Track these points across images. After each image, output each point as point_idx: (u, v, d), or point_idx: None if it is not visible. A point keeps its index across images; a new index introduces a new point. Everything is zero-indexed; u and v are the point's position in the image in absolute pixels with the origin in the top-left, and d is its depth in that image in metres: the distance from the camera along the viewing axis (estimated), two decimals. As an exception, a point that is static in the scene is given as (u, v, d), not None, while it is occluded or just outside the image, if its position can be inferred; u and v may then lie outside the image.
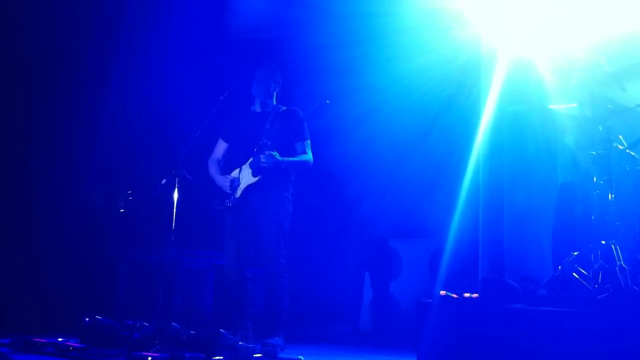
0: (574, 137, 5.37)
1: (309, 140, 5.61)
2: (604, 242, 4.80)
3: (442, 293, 4.59)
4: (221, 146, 5.77)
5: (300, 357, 4.77)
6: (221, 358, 4.31)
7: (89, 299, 6.05)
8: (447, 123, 7.03)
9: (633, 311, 4.01)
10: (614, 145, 5.07)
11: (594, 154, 5.11)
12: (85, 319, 4.95)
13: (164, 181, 5.27)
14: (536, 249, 5.88)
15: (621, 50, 5.58)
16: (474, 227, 6.00)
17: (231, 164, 5.63)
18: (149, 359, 4.24)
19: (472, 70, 6.43)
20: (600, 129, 5.16)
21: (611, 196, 4.87)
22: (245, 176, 5.50)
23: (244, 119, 5.67)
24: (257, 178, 5.45)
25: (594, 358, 3.92)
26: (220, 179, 5.61)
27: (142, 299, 6.05)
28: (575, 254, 4.96)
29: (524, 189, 6.04)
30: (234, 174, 5.56)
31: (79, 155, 6.36)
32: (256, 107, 5.69)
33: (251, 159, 5.48)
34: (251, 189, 5.48)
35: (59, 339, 4.90)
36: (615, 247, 4.75)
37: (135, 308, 6.02)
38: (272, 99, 5.68)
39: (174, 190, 5.23)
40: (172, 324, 4.66)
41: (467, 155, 6.57)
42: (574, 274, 4.79)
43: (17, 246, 5.97)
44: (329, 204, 8.16)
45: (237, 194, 5.50)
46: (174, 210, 5.21)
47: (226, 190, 5.54)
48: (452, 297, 4.56)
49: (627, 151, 5.13)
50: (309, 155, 5.60)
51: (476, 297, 4.64)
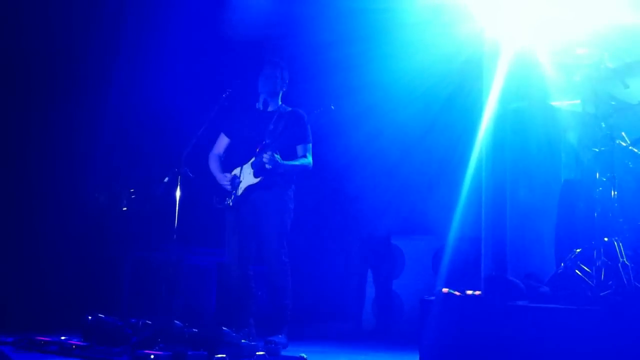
0: (577, 134, 5.37)
1: (310, 144, 5.61)
2: (606, 239, 4.78)
3: (445, 290, 4.58)
4: (223, 141, 5.76)
5: (303, 355, 4.77)
6: (224, 356, 4.31)
7: (92, 297, 6.06)
8: (450, 120, 7.03)
9: (636, 308, 4.00)
10: (617, 142, 5.05)
11: (596, 151, 5.10)
12: (88, 317, 4.95)
13: (166, 179, 5.27)
14: (539, 246, 5.87)
15: (624, 47, 5.57)
16: (477, 224, 6.00)
17: (232, 161, 5.63)
18: (152, 357, 4.24)
19: (474, 68, 6.42)
20: (603, 126, 5.15)
21: (614, 193, 4.86)
22: (247, 176, 5.50)
23: (247, 116, 5.66)
24: (259, 179, 5.45)
25: (597, 355, 3.92)
26: (220, 176, 5.60)
27: (145, 297, 6.05)
28: (578, 251, 4.95)
29: (526, 186, 6.03)
30: (235, 172, 5.55)
31: (81, 154, 6.37)
32: (260, 105, 5.67)
33: (253, 159, 5.47)
34: (252, 188, 5.48)
35: (62, 338, 4.90)
36: (618, 244, 4.74)
37: (138, 306, 6.03)
38: (278, 98, 5.67)
39: (177, 188, 5.23)
40: (175, 321, 4.66)
41: (469, 152, 6.56)
42: (576, 271, 4.79)
43: (20, 245, 5.97)
44: (331, 201, 8.16)
45: (238, 193, 5.49)
46: (177, 208, 5.21)
47: (226, 188, 5.54)
48: (454, 295, 4.56)
49: (630, 148, 5.12)
50: (309, 159, 5.60)
51: (479, 295, 4.64)
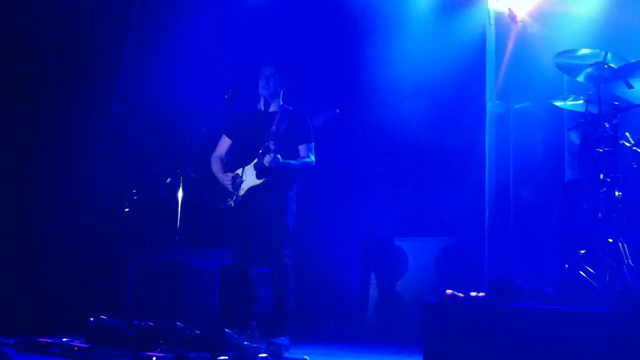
0: (580, 135, 5.34)
1: (313, 144, 5.59)
2: (611, 240, 4.77)
3: (449, 292, 4.57)
4: (225, 143, 5.75)
5: (305, 357, 4.76)
6: (226, 358, 4.29)
7: (94, 299, 6.05)
8: (453, 121, 7.02)
9: (640, 310, 3.98)
10: (621, 143, 5.04)
11: (600, 151, 5.09)
12: (91, 319, 4.95)
13: (169, 180, 5.26)
14: (542, 247, 5.86)
15: (628, 47, 5.56)
16: (480, 225, 5.99)
17: (235, 163, 5.61)
18: (154, 358, 4.23)
19: (478, 68, 6.42)
20: (607, 126, 5.14)
21: (618, 194, 4.85)
22: (249, 177, 5.48)
23: (249, 117, 5.64)
24: (261, 180, 5.43)
25: (601, 357, 3.90)
26: (222, 177, 5.59)
27: (147, 299, 6.04)
28: (582, 252, 4.93)
29: (530, 186, 6.02)
30: (237, 173, 5.53)
31: (84, 156, 6.36)
32: (262, 105, 5.66)
33: (256, 160, 5.46)
34: (255, 189, 5.46)
35: (64, 339, 4.89)
36: (623, 245, 4.72)
37: (141, 308, 6.02)
38: (279, 99, 5.65)
39: (179, 189, 5.22)
40: (178, 323, 4.65)
41: (473, 153, 6.56)
42: (580, 273, 4.77)
43: (23, 246, 5.97)
44: (334, 203, 8.15)
45: (240, 194, 5.48)
46: (179, 210, 5.20)
47: (228, 189, 5.53)
48: (458, 296, 4.54)
49: (634, 148, 5.10)
50: (312, 158, 5.58)
51: (482, 296, 4.62)
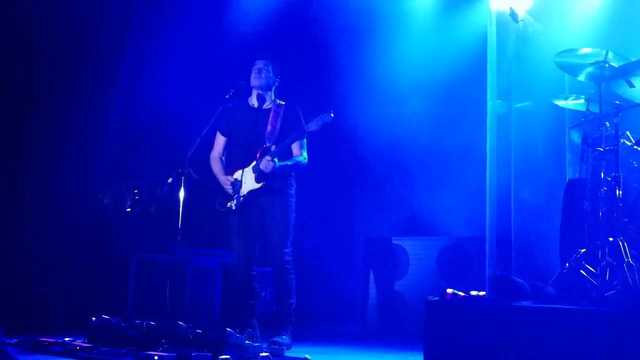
0: (581, 134, 5.35)
1: (305, 140, 5.59)
2: (611, 239, 4.77)
3: (450, 291, 4.57)
4: (220, 141, 5.74)
5: (307, 356, 4.76)
6: (228, 357, 4.30)
7: (96, 298, 6.06)
8: (453, 120, 7.03)
9: (641, 308, 3.99)
10: (622, 142, 5.04)
11: (601, 150, 5.09)
12: (93, 319, 4.96)
13: (170, 180, 5.27)
14: (543, 246, 5.86)
15: (629, 46, 5.56)
16: (481, 224, 5.99)
17: (233, 163, 5.61)
18: (156, 358, 4.24)
19: (479, 67, 6.41)
20: (608, 125, 5.14)
21: (619, 193, 4.85)
22: (249, 180, 5.48)
23: (242, 114, 5.61)
24: (261, 184, 5.44)
25: (601, 356, 3.90)
26: (223, 179, 5.59)
27: (149, 298, 6.05)
28: (583, 251, 4.94)
29: (531, 185, 6.02)
30: (237, 176, 5.52)
31: (86, 154, 6.36)
32: (254, 101, 5.60)
33: (254, 163, 5.46)
34: (255, 192, 5.46)
35: (67, 339, 4.90)
36: (623, 244, 4.72)
37: (143, 308, 6.02)
38: (271, 92, 5.65)
39: (181, 189, 5.23)
40: (179, 322, 4.66)
41: (474, 152, 6.55)
42: (581, 271, 4.78)
43: (25, 245, 5.97)
44: (335, 202, 8.16)
45: (241, 197, 5.47)
46: (181, 210, 5.20)
47: (228, 192, 5.53)
48: (459, 295, 4.55)
49: (635, 147, 5.11)
50: (304, 155, 5.59)
51: (483, 295, 4.63)
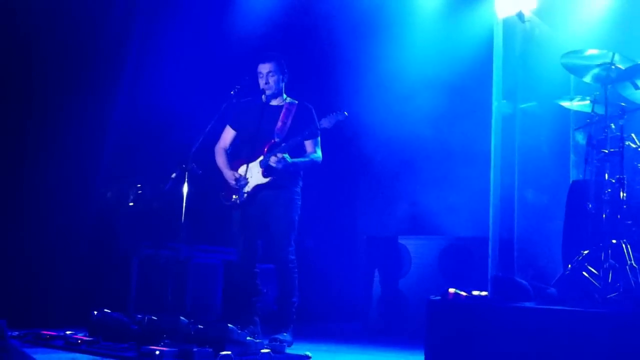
0: (586, 135, 5.34)
1: (319, 138, 5.57)
2: (614, 241, 4.77)
3: (452, 291, 4.57)
4: (229, 134, 5.73)
5: (308, 353, 4.76)
6: (229, 353, 4.30)
7: (98, 293, 6.07)
8: (458, 121, 7.02)
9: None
10: (627, 144, 5.03)
11: (605, 152, 5.08)
12: (94, 313, 4.96)
13: (174, 175, 5.27)
14: (546, 247, 5.85)
15: (636, 48, 5.55)
16: (484, 224, 5.98)
17: (240, 157, 5.59)
18: (158, 353, 4.24)
19: (484, 67, 6.40)
20: (613, 127, 5.14)
21: (623, 195, 4.84)
22: (255, 175, 5.46)
23: (254, 109, 5.56)
24: (268, 179, 5.43)
25: (603, 357, 3.90)
26: (228, 173, 5.57)
27: (152, 294, 6.06)
28: (586, 252, 4.93)
29: (534, 186, 6.01)
30: (242, 170, 5.50)
31: (89, 151, 6.36)
32: (265, 99, 5.55)
33: (262, 158, 5.44)
34: (261, 187, 5.45)
35: (68, 332, 4.91)
36: (626, 246, 4.72)
37: (145, 303, 6.03)
38: (282, 92, 5.63)
39: (184, 185, 5.23)
40: (181, 318, 4.66)
41: (478, 152, 6.54)
42: (584, 273, 4.77)
43: (28, 240, 5.98)
44: (338, 200, 8.16)
45: (246, 192, 5.46)
46: (184, 205, 5.21)
47: (233, 186, 5.52)
48: (461, 295, 4.55)
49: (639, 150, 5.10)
50: (319, 153, 5.56)
51: (485, 295, 4.62)
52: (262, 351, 4.53)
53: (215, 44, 7.10)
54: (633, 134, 5.15)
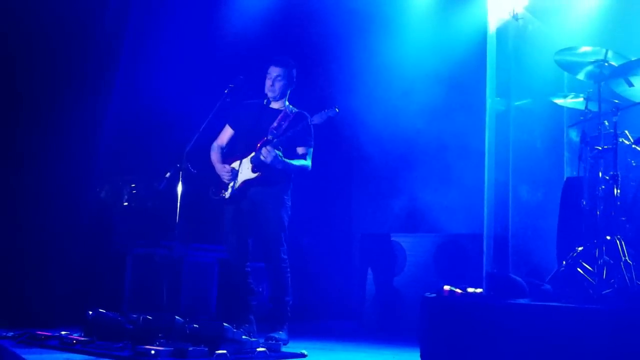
0: (580, 132, 5.35)
1: (311, 149, 5.59)
2: (609, 238, 4.78)
3: (447, 288, 4.57)
4: (227, 133, 5.75)
5: (303, 351, 4.77)
6: (225, 352, 4.30)
7: (93, 292, 6.05)
8: (452, 118, 7.03)
9: (638, 307, 3.99)
10: (620, 141, 5.05)
11: (599, 149, 5.09)
12: (89, 313, 4.95)
13: (168, 174, 5.26)
14: (541, 244, 5.87)
15: (629, 45, 5.56)
16: (479, 221, 6.00)
17: (234, 154, 5.62)
18: (153, 352, 4.23)
19: (478, 65, 6.41)
20: (606, 123, 5.15)
21: (617, 191, 4.85)
22: (245, 170, 5.48)
23: (253, 110, 5.62)
24: (257, 174, 5.44)
25: (598, 354, 3.91)
26: (220, 167, 5.59)
27: (146, 293, 6.05)
28: (580, 249, 4.94)
29: (529, 183, 6.03)
30: (234, 165, 5.54)
31: (83, 150, 6.35)
32: (266, 101, 5.62)
33: (253, 154, 5.46)
34: (250, 183, 5.46)
35: (63, 332, 4.90)
36: (620, 243, 4.73)
37: (139, 302, 6.02)
38: (285, 98, 5.65)
39: (179, 184, 5.23)
40: (176, 317, 4.65)
41: (472, 149, 6.56)
42: (578, 269, 4.78)
43: (21, 239, 5.96)
44: (333, 198, 8.16)
45: (235, 187, 5.48)
46: (178, 204, 5.20)
47: (224, 179, 5.54)
48: (456, 292, 4.55)
49: (633, 146, 5.11)
50: (309, 162, 5.58)
51: (480, 292, 4.63)
52: (258, 350, 4.53)
53: (209, 42, 7.08)
54: (626, 131, 5.16)
